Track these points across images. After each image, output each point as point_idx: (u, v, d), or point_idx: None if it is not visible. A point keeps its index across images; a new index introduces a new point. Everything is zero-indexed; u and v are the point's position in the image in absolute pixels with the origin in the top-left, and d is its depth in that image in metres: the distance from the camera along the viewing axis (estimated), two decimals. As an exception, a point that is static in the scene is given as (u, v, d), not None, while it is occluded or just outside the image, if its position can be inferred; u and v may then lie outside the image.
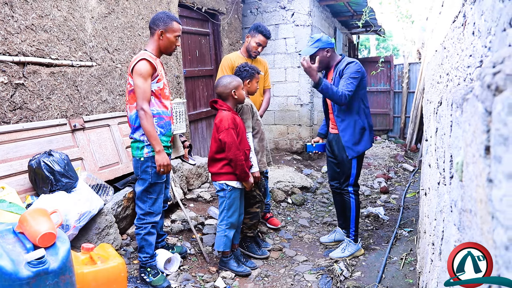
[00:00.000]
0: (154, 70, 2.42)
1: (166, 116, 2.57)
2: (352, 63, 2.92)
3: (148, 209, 2.56)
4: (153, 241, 2.62)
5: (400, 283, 2.77)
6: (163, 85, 2.53)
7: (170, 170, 2.52)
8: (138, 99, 2.35)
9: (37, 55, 2.86)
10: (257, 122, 3.03)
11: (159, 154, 2.42)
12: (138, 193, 2.56)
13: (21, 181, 2.64)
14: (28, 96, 2.81)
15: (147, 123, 2.35)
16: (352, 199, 3.17)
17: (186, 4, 4.62)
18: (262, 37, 3.48)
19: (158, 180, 2.54)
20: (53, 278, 1.61)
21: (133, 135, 2.50)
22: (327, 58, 3.02)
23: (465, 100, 0.89)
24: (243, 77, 2.97)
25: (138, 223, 2.59)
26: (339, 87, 2.85)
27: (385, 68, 9.44)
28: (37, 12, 2.82)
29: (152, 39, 2.54)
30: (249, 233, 3.17)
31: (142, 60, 2.37)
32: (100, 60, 3.43)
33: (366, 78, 3.00)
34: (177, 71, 4.47)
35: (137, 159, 2.50)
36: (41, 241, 1.64)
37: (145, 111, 2.35)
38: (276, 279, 2.89)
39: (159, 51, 2.56)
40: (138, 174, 2.53)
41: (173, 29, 2.51)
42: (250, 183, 2.80)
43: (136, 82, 2.36)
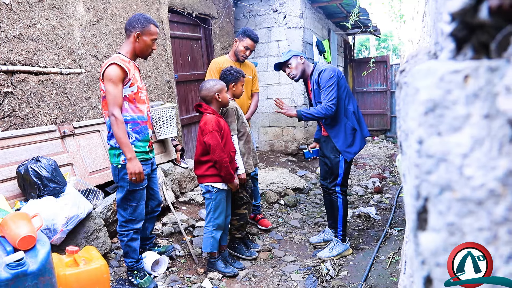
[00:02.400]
0: (125, 74, 2.37)
1: (142, 121, 2.53)
2: (323, 71, 2.99)
3: (129, 216, 2.55)
4: (137, 246, 2.62)
5: (385, 282, 2.79)
6: (137, 89, 2.47)
7: (142, 178, 2.44)
8: (109, 105, 2.32)
9: (26, 63, 2.92)
10: (242, 125, 3.07)
11: (130, 162, 2.36)
12: (118, 200, 2.55)
13: (10, 187, 2.70)
14: (17, 104, 2.87)
15: (118, 129, 2.31)
16: (339, 199, 3.20)
17: (176, 9, 4.68)
18: (249, 41, 3.54)
19: (136, 187, 2.51)
20: (32, 279, 1.66)
21: (109, 142, 2.48)
22: (302, 65, 3.14)
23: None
24: (228, 80, 3.02)
25: (121, 230, 2.58)
26: (322, 101, 2.97)
27: (382, 68, 9.47)
28: (24, 21, 2.89)
29: (127, 41, 2.48)
30: (237, 234, 3.21)
31: (112, 65, 2.32)
32: (89, 67, 3.49)
33: (343, 78, 3.08)
34: (168, 76, 4.53)
35: (115, 166, 2.48)
36: (21, 244, 1.70)
37: (116, 117, 2.31)
38: (263, 279, 2.93)
39: (134, 54, 2.51)
40: (116, 181, 2.52)
41: (150, 32, 2.46)
42: (236, 184, 2.85)
43: (106, 87, 2.32)
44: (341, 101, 3.02)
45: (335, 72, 2.97)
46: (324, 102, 2.96)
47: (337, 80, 2.96)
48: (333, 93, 2.93)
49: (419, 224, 0.45)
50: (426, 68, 0.45)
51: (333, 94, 2.93)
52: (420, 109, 0.43)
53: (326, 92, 2.95)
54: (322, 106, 2.95)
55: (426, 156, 0.42)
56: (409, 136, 0.50)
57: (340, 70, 3.07)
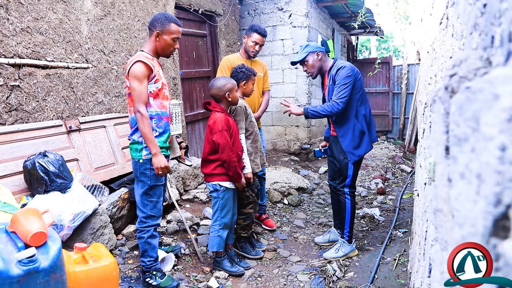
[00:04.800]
0: (150, 71, 2.39)
1: (165, 116, 2.54)
2: (342, 68, 2.93)
3: (149, 212, 2.54)
4: (156, 244, 2.60)
5: (392, 284, 2.78)
6: (161, 85, 2.49)
7: (168, 171, 2.49)
8: (135, 102, 2.34)
9: (33, 57, 2.89)
10: (250, 124, 3.05)
11: (156, 157, 2.39)
12: (139, 196, 2.53)
13: (16, 181, 2.67)
14: (23, 97, 2.84)
15: (144, 125, 2.34)
16: (348, 200, 3.19)
17: (182, 6, 4.65)
18: (257, 36, 3.51)
19: (157, 182, 2.52)
20: (43, 276, 1.63)
21: (132, 137, 2.49)
22: (319, 62, 3.07)
23: (434, 101, 0.91)
24: (239, 78, 2.99)
25: (141, 226, 2.55)
26: (332, 97, 2.93)
27: (384, 69, 9.45)
28: (32, 14, 2.86)
29: (149, 40, 2.50)
30: (243, 233, 3.19)
31: (138, 62, 2.35)
32: (96, 62, 3.46)
33: (360, 80, 3.01)
34: (173, 73, 4.50)
35: (136, 161, 2.48)
36: (32, 240, 1.67)
37: (142, 114, 2.33)
38: (269, 279, 2.91)
39: (156, 53, 2.52)
40: (137, 175, 2.52)
41: (171, 31, 2.45)
42: (242, 183, 2.83)
43: (132, 85, 2.35)
44: (354, 102, 2.98)
45: (353, 72, 2.93)
46: (334, 98, 2.91)
47: (354, 81, 2.91)
48: (345, 91, 2.89)
49: (494, 231, 0.44)
50: (505, 74, 0.43)
51: (345, 93, 2.88)
52: (502, 116, 0.41)
53: (339, 89, 2.90)
54: (329, 104, 2.91)
55: (509, 163, 0.41)
56: (476, 142, 0.49)
57: (359, 71, 3.03)
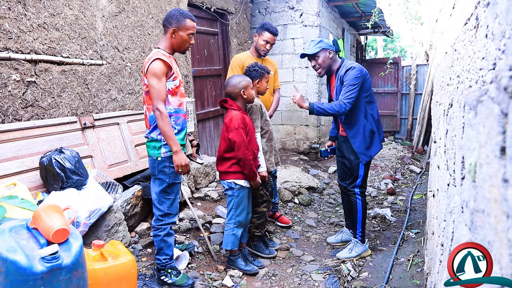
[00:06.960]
0: (169, 68, 2.37)
1: (182, 114, 2.52)
2: (351, 69, 2.90)
3: (166, 210, 2.52)
4: (172, 242, 2.58)
5: (407, 284, 2.76)
6: (179, 83, 2.48)
7: (189, 170, 2.46)
8: (154, 100, 2.31)
9: (49, 53, 2.89)
10: (265, 122, 3.04)
11: (177, 155, 2.37)
12: (156, 194, 2.51)
13: (32, 178, 2.67)
14: (39, 93, 2.84)
15: (163, 123, 2.30)
16: (358, 200, 3.17)
17: (195, 3, 4.64)
18: (268, 34, 3.50)
19: (175, 180, 2.50)
20: (66, 273, 1.63)
21: (150, 134, 2.46)
22: (330, 60, 3.04)
23: (479, 102, 0.89)
24: (252, 76, 2.98)
25: (157, 224, 2.54)
26: (340, 96, 2.90)
27: (393, 70, 9.40)
28: (49, 10, 2.85)
29: (165, 37, 2.47)
30: (256, 232, 3.18)
31: (156, 60, 2.32)
32: (110, 58, 3.46)
33: (369, 81, 2.99)
34: (185, 70, 4.49)
35: (154, 159, 2.45)
36: (55, 237, 1.66)
37: (161, 112, 2.30)
38: (283, 278, 2.90)
39: (172, 49, 2.50)
40: (154, 173, 2.49)
41: (186, 27, 2.43)
42: (258, 182, 2.82)
43: (150, 82, 2.32)
44: (362, 102, 2.96)
45: (362, 73, 2.91)
46: (341, 98, 2.88)
47: (362, 82, 2.90)
48: (353, 92, 2.87)
49: None
50: None
51: (352, 93, 2.86)
52: None
53: (347, 89, 2.88)
54: (337, 103, 2.88)
55: None
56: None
57: (367, 72, 3.00)
